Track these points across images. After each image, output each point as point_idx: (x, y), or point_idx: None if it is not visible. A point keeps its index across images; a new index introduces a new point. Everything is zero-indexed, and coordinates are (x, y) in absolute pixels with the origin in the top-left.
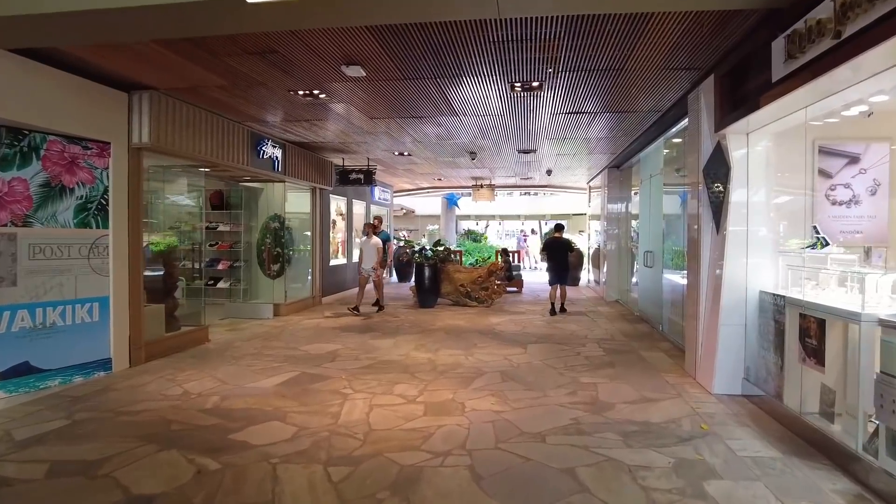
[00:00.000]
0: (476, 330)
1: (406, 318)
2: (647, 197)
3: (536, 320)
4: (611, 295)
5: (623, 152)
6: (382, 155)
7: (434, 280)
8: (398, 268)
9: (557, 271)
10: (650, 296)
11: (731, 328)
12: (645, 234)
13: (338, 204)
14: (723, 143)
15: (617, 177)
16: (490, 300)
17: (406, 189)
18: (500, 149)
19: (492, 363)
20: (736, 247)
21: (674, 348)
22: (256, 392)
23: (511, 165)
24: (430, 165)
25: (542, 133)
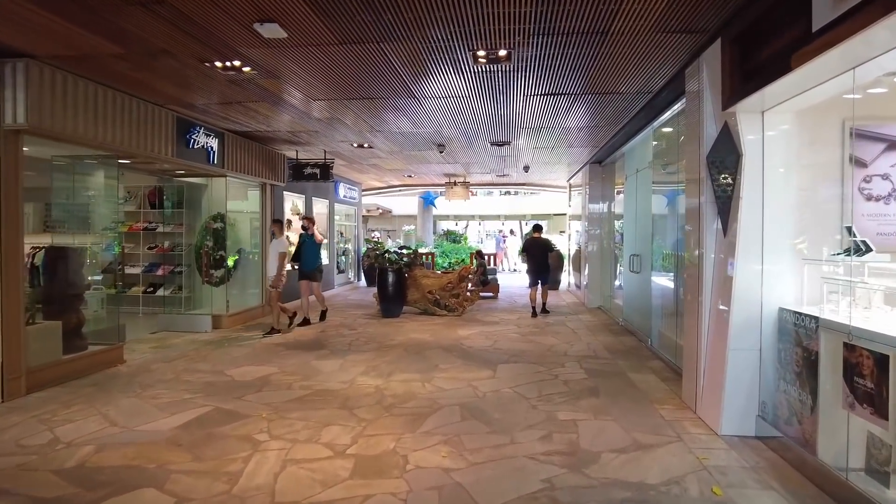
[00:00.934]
0: (441, 346)
1: (363, 331)
2: (633, 194)
3: (511, 332)
4: (593, 301)
5: (606, 145)
6: (341, 147)
7: (398, 287)
8: (368, 272)
9: (537, 272)
10: (637, 304)
11: (743, 353)
12: (630, 236)
13: (294, 202)
14: (731, 124)
15: (599, 173)
16: (461, 308)
17: (376, 187)
18: (471, 141)
19: (452, 393)
20: (748, 252)
21: (666, 368)
22: (146, 438)
23: (485, 161)
24: (397, 160)
25: (516, 121)
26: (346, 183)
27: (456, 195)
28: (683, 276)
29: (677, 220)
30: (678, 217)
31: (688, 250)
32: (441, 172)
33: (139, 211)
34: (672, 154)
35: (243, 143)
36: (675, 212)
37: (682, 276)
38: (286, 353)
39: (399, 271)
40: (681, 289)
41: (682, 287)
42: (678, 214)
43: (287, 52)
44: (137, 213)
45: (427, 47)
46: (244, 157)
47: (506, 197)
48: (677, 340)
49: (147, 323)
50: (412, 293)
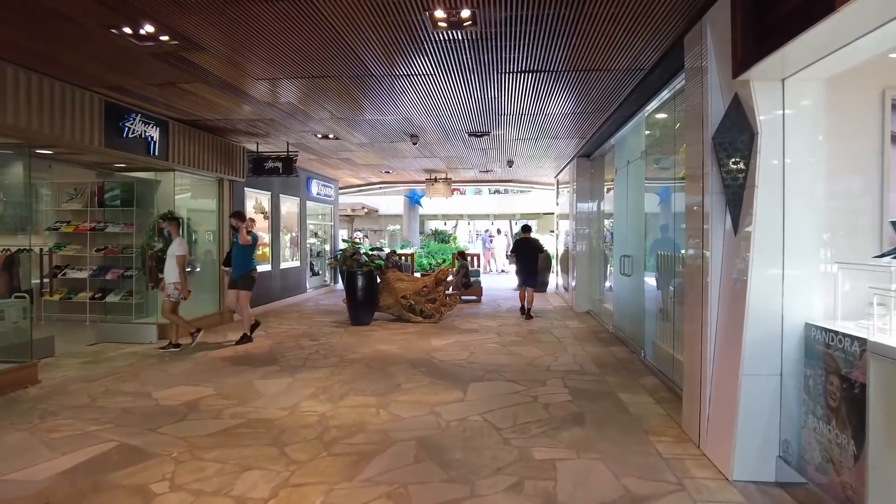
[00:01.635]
0: (408, 359)
1: (326, 342)
2: (624, 189)
3: (490, 342)
4: (581, 305)
5: (594, 136)
6: (305, 139)
7: (369, 291)
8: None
9: (526, 273)
10: (628, 311)
11: (760, 380)
12: (621, 235)
13: (258, 199)
14: (744, 95)
15: (587, 168)
16: (438, 314)
17: (355, 185)
18: (447, 132)
19: (410, 422)
20: (765, 253)
21: (662, 386)
22: (7, 493)
23: (465, 155)
24: (369, 154)
25: (493, 107)
26: (319, 179)
27: (437, 192)
28: (682, 280)
29: (674, 217)
30: (675, 213)
31: (687, 251)
32: (421, 168)
33: (87, 209)
34: (668, 143)
35: (193, 134)
36: (672, 208)
37: (680, 280)
38: (231, 369)
39: (369, 274)
40: (678, 295)
41: (680, 293)
42: (675, 210)
43: (201, 12)
44: (84, 211)
45: (367, 1)
46: (195, 150)
47: (495, 196)
48: (674, 354)
49: (89, 333)
50: (385, 298)
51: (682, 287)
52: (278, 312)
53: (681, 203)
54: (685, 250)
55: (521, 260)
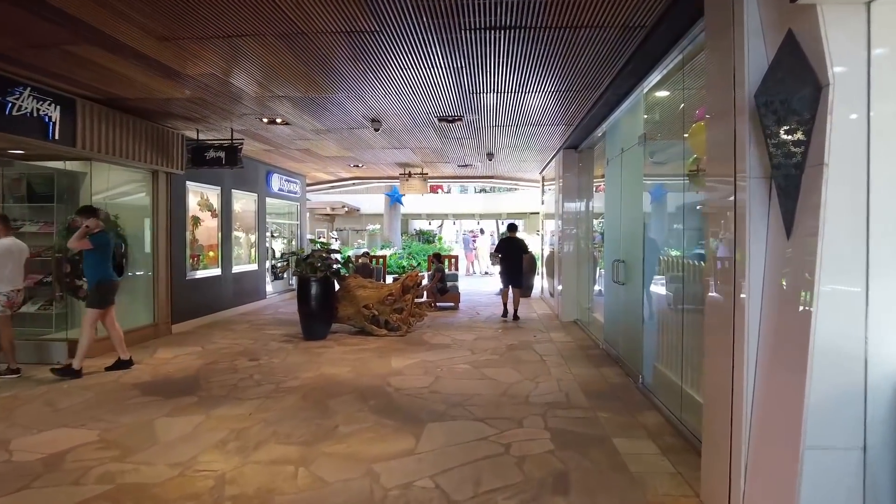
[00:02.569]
0: (358, 387)
1: (266, 363)
2: (617, 182)
3: (461, 360)
4: (567, 313)
5: (583, 122)
6: (250, 124)
7: (325, 300)
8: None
9: (511, 274)
10: (623, 325)
11: (833, 456)
12: (613, 237)
13: (205, 195)
14: (802, 31)
15: (574, 161)
16: (406, 326)
17: (325, 181)
18: (413, 116)
19: (335, 492)
20: (841, 267)
21: (667, 428)
22: None
23: (439, 147)
24: (330, 143)
25: (463, 83)
26: (282, 174)
27: (412, 189)
28: (700, 297)
29: (683, 215)
30: (684, 210)
31: (709, 260)
32: (393, 162)
33: None
34: (673, 125)
35: (113, 117)
36: (679, 203)
37: (694, 294)
38: (136, 402)
39: (325, 281)
40: (689, 313)
41: (692, 310)
42: (684, 206)
43: None
44: None
45: None
46: (116, 136)
47: (480, 195)
48: (682, 386)
49: None
50: (345, 308)
51: (694, 303)
52: (226, 323)
53: (692, 198)
54: (705, 259)
55: (506, 260)
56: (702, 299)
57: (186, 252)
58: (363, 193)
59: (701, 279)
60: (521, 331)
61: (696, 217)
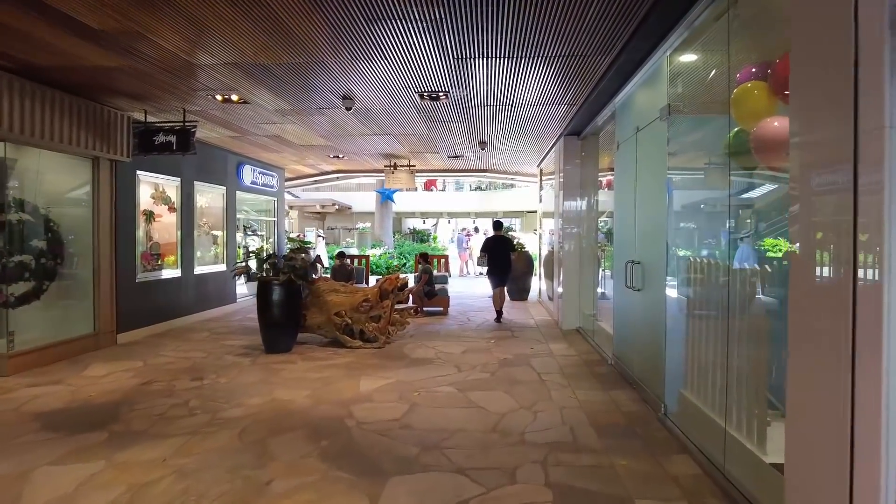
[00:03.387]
0: (311, 420)
1: (212, 383)
2: (631, 168)
3: (445, 381)
4: (568, 320)
5: (588, 99)
6: (202, 103)
7: (290, 307)
8: None
9: (500, 274)
10: (639, 338)
11: None
12: (626, 234)
13: (161, 187)
14: None
15: (576, 150)
16: (384, 336)
17: (307, 174)
18: (391, 92)
19: None
20: None
21: (706, 481)
22: None
23: (423, 131)
24: (300, 128)
25: (442, 47)
26: (255, 166)
27: (399, 182)
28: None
29: (729, 206)
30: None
31: (805, 246)
32: (376, 152)
33: None
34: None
35: (39, 93)
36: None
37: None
38: (29, 439)
39: (290, 286)
40: (737, 328)
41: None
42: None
43: None
44: None
45: None
46: (45, 115)
47: (476, 193)
48: (725, 426)
49: None
50: (314, 315)
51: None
52: (184, 331)
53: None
54: (791, 258)
55: (495, 260)
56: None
57: (136, 251)
58: (355, 191)
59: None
60: (516, 341)
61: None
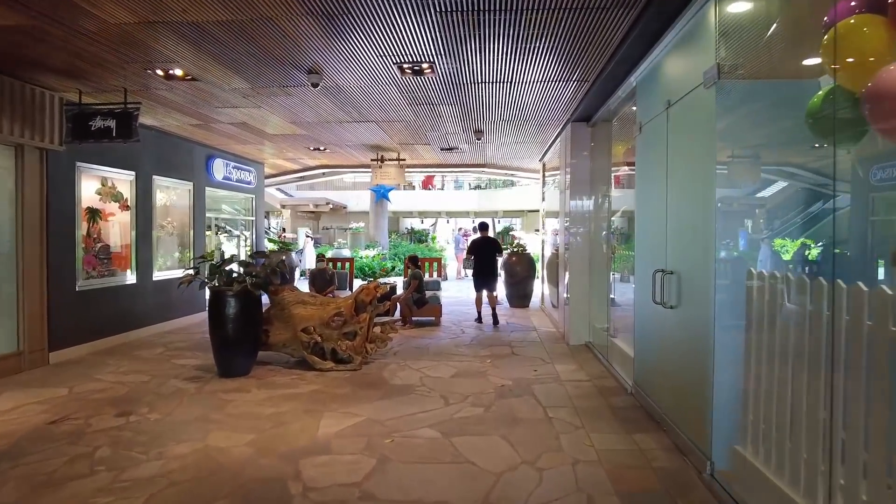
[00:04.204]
0: (246, 483)
1: (141, 420)
2: (659, 154)
3: (427, 420)
4: (576, 333)
5: (604, 73)
6: (144, 80)
7: (246, 322)
8: None
9: (486, 277)
10: (671, 368)
11: None
12: (652, 235)
13: (110, 181)
14: None
15: (585, 139)
16: (363, 355)
17: (288, 170)
18: (363, 63)
19: None
20: None
21: None
22: None
23: (410, 117)
24: (269, 112)
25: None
26: (228, 159)
27: (387, 178)
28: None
29: (832, 195)
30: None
31: None
32: (360, 144)
33: None
34: (793, 35)
35: None
36: (829, 174)
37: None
38: None
39: (246, 297)
40: (850, 376)
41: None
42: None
43: None
44: None
45: None
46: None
47: (475, 192)
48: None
49: None
50: (278, 331)
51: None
52: (135, 347)
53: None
54: None
55: (481, 262)
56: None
57: (77, 254)
58: (350, 190)
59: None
60: (516, 360)
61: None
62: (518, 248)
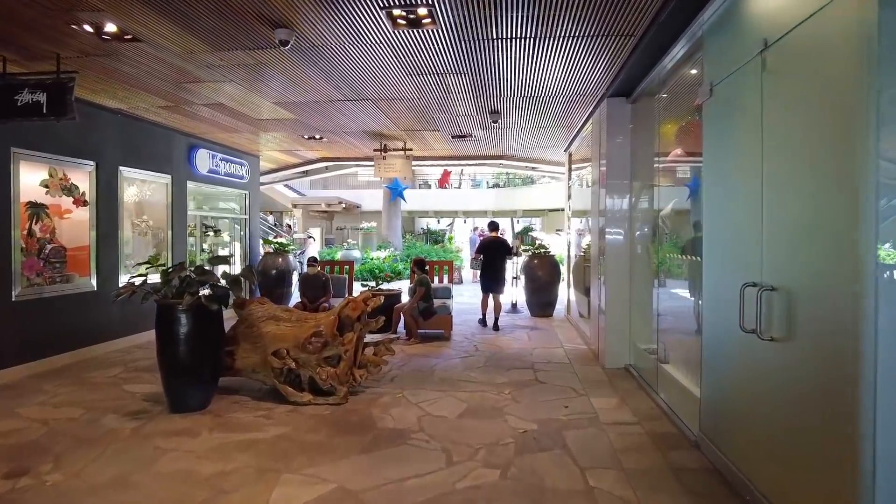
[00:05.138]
0: None
1: (35, 483)
2: (750, 120)
3: (420, 493)
4: (613, 355)
5: (656, 27)
6: (85, 43)
7: (201, 344)
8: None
9: (494, 279)
10: (779, 429)
11: None
12: (733, 236)
13: (61, 172)
14: None
15: (625, 117)
16: (348, 385)
17: (288, 164)
18: (340, 8)
19: None
20: None
21: None
22: None
23: (412, 94)
24: (247, 93)
25: None
26: (215, 151)
27: (391, 171)
28: None
29: None
30: None
31: None
32: (360, 130)
33: None
34: None
35: None
36: None
37: None
38: None
39: (200, 311)
40: None
41: None
42: None
43: None
44: None
45: None
46: None
47: (493, 190)
48: None
49: None
50: (245, 354)
51: None
52: (89, 366)
53: None
54: None
55: (491, 264)
56: None
57: (14, 258)
58: (364, 188)
59: None
60: (541, 391)
61: None
62: (541, 250)
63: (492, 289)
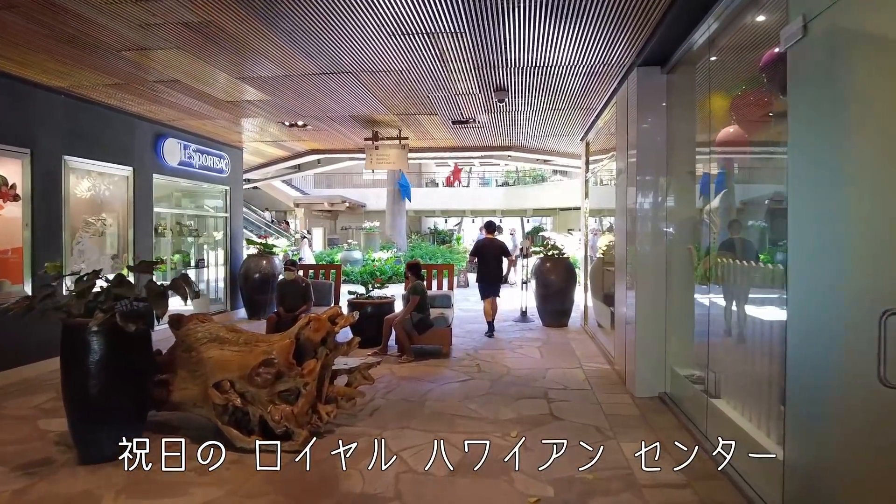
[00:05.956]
0: None
1: None
2: (876, 69)
3: None
4: (644, 381)
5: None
6: None
7: (117, 375)
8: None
9: (492, 282)
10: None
11: None
12: (845, 240)
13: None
14: None
15: (659, 91)
16: (308, 428)
17: (278, 158)
18: None
19: None
20: None
21: None
22: None
23: (401, 66)
24: (196, 60)
25: None
26: (187, 140)
27: (385, 162)
28: None
29: None
30: None
31: None
32: (349, 115)
33: None
34: None
35: None
36: None
37: None
38: None
39: (117, 332)
40: None
41: None
42: None
43: None
44: None
45: None
46: None
47: (502, 188)
48: None
49: None
50: (182, 385)
51: None
52: (19, 390)
53: None
54: None
55: (487, 266)
56: None
57: None
58: (369, 187)
59: None
60: (556, 429)
61: None
62: (553, 252)
63: (489, 292)
